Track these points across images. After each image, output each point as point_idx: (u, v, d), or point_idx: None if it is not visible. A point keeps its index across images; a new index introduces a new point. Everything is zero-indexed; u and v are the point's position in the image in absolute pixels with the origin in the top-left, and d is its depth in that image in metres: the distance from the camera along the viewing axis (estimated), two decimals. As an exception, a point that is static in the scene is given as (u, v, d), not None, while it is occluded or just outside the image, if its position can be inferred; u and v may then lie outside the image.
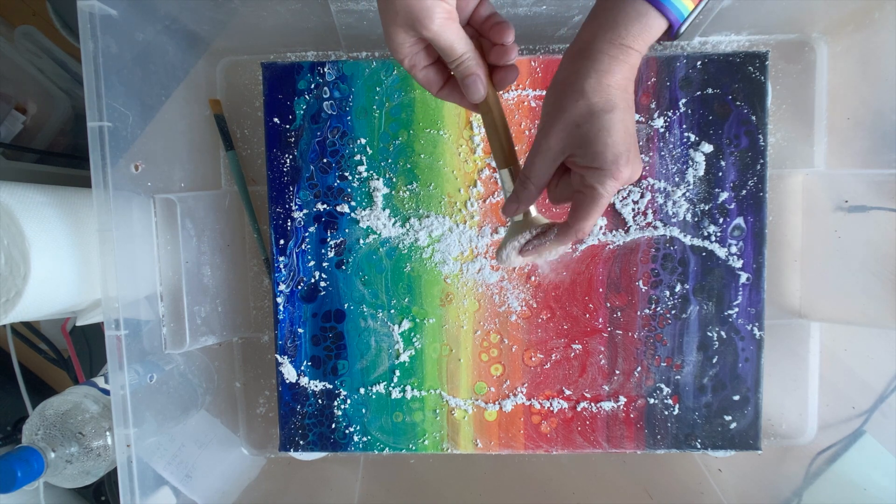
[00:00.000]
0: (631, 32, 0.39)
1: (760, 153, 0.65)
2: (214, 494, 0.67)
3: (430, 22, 0.39)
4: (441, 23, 0.39)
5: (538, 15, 0.64)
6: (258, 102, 0.71)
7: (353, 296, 0.68)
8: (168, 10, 0.62)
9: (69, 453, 0.57)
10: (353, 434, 0.68)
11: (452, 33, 0.40)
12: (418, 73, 0.44)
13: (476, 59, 0.43)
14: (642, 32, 0.40)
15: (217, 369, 0.74)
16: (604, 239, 0.67)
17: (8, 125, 0.78)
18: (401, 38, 0.41)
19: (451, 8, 0.40)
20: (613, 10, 0.40)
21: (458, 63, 0.42)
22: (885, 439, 0.68)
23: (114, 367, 0.56)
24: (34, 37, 0.80)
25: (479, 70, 0.43)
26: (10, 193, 0.57)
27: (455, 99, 0.46)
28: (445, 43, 0.41)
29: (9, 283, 0.56)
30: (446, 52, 0.42)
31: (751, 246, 0.66)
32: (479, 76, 0.43)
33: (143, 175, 0.62)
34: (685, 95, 0.65)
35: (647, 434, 0.68)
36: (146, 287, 0.63)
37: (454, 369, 0.68)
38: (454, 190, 0.67)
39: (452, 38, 0.41)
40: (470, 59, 0.42)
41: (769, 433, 0.74)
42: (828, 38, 0.70)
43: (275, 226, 0.67)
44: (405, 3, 0.38)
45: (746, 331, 0.67)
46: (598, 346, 0.67)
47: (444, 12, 0.39)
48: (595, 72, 0.40)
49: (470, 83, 0.43)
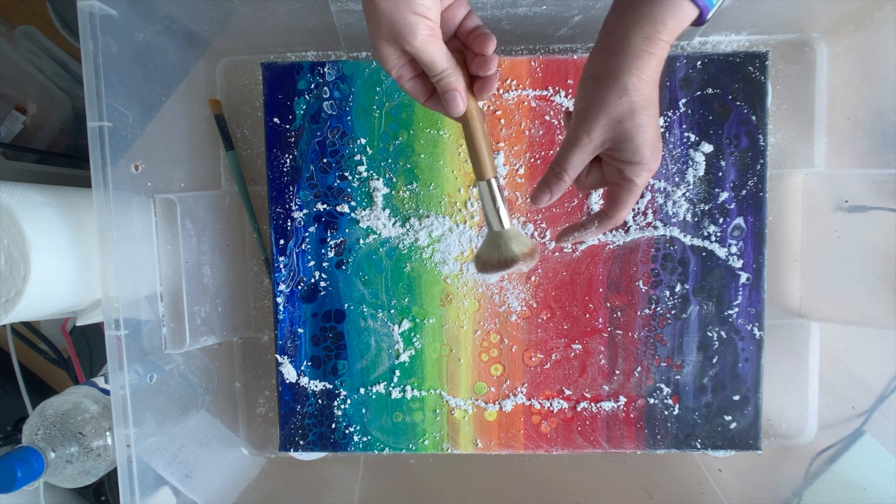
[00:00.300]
0: (667, 27, 0.40)
1: (760, 153, 0.65)
2: (214, 494, 0.67)
3: (413, 38, 0.40)
4: (423, 39, 0.40)
5: (538, 15, 0.64)
6: (258, 102, 0.71)
7: (353, 296, 0.68)
8: (168, 10, 0.62)
9: (69, 453, 0.57)
10: (353, 434, 0.68)
11: (434, 50, 0.41)
12: (405, 84, 0.45)
13: (456, 74, 0.43)
14: (677, 25, 0.41)
15: (217, 369, 0.74)
16: (604, 239, 0.67)
17: (8, 125, 0.78)
18: (386, 51, 0.42)
19: (433, 24, 0.41)
20: (646, 2, 0.40)
21: (439, 78, 0.43)
22: (885, 439, 0.68)
23: (114, 367, 0.56)
24: (34, 37, 0.80)
25: (459, 85, 0.44)
26: (10, 193, 0.57)
27: (441, 109, 0.47)
28: (427, 58, 0.42)
29: (9, 283, 0.56)
30: (428, 67, 0.43)
31: (751, 246, 0.66)
32: (458, 91, 0.44)
33: (143, 175, 0.62)
34: (685, 95, 0.65)
35: (647, 434, 0.68)
36: (146, 287, 0.63)
37: (454, 369, 0.68)
38: (454, 190, 0.67)
39: (434, 54, 0.41)
40: (450, 74, 0.43)
41: (769, 433, 0.74)
42: (828, 38, 0.70)
43: (275, 226, 0.67)
44: (389, 19, 0.39)
45: (746, 331, 0.67)
46: (598, 346, 0.67)
47: (427, 29, 0.40)
48: (636, 69, 0.41)
49: (450, 98, 0.44)
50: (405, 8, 0.39)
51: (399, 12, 0.39)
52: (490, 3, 0.62)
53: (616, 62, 0.41)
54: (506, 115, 0.66)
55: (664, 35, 0.41)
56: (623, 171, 0.45)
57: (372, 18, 0.40)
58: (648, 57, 0.41)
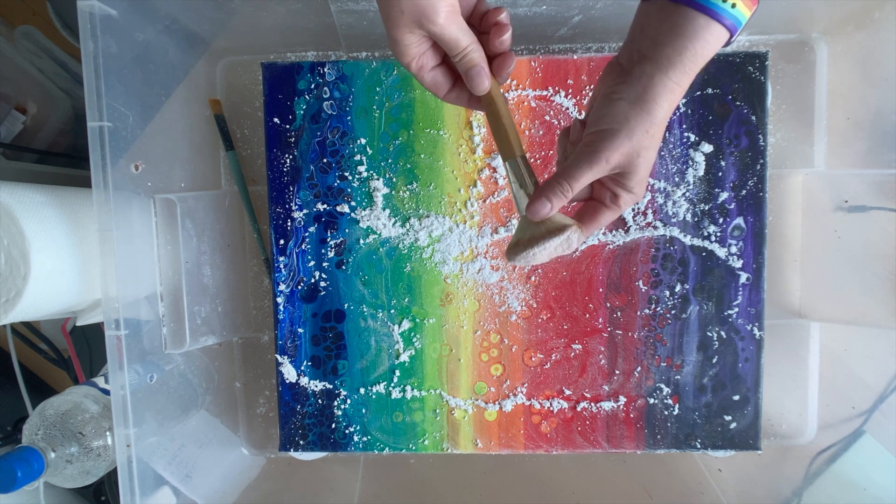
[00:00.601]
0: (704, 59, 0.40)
1: (760, 153, 0.65)
2: (214, 494, 0.67)
3: (437, 16, 0.40)
4: (446, 16, 0.40)
5: (538, 15, 0.64)
6: (258, 102, 0.71)
7: (353, 296, 0.68)
8: (168, 10, 0.62)
9: (69, 453, 0.57)
10: (353, 434, 0.68)
11: (457, 26, 0.41)
12: (426, 76, 0.45)
13: (479, 51, 0.44)
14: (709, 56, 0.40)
15: (217, 369, 0.74)
16: (604, 239, 0.67)
17: (8, 125, 0.78)
18: (408, 40, 0.42)
19: (454, 1, 0.41)
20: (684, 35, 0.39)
21: (462, 55, 0.43)
22: (885, 439, 0.68)
23: (114, 367, 0.56)
24: (34, 37, 0.80)
25: (483, 62, 0.44)
26: (10, 193, 0.57)
27: (463, 101, 0.47)
28: (451, 36, 0.41)
29: (9, 283, 0.56)
30: (451, 46, 0.42)
31: (751, 246, 0.66)
32: (482, 67, 0.44)
33: (143, 175, 0.62)
34: (685, 95, 0.65)
35: (647, 434, 0.68)
36: (146, 287, 0.63)
37: (454, 369, 0.68)
38: (454, 190, 0.67)
39: (457, 31, 0.42)
40: (473, 51, 0.43)
41: (769, 433, 0.74)
42: (828, 38, 0.70)
43: (275, 226, 0.67)
44: (410, 2, 0.39)
45: (746, 331, 0.67)
46: (598, 346, 0.67)
47: (448, 6, 0.40)
48: (667, 102, 0.41)
49: (474, 74, 0.44)
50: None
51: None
52: (490, 3, 0.62)
53: (653, 95, 0.41)
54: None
55: (696, 68, 0.40)
56: (618, 196, 0.45)
57: (392, 7, 0.40)
58: (679, 92, 0.41)
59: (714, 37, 0.39)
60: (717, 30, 0.39)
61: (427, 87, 0.46)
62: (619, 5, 0.62)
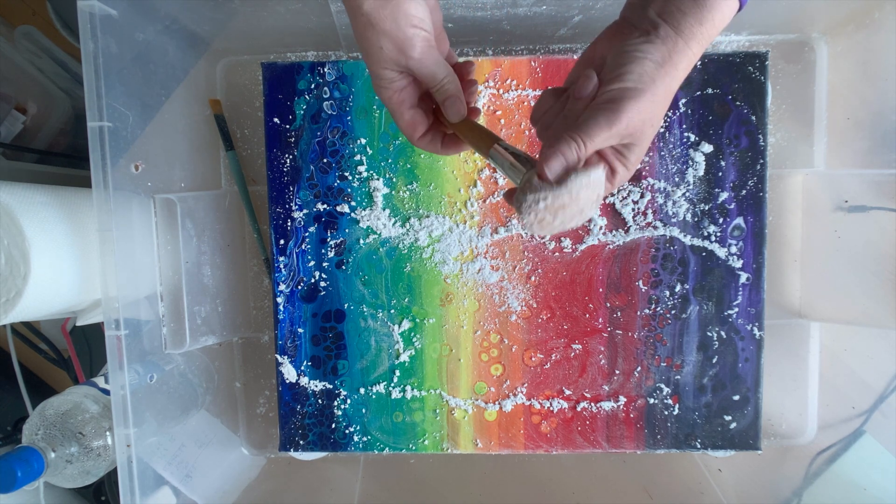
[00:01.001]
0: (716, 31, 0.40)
1: (760, 153, 0.65)
2: (214, 494, 0.67)
3: (412, 50, 0.41)
4: (422, 50, 0.42)
5: (538, 15, 0.64)
6: (258, 102, 0.71)
7: (353, 296, 0.68)
8: (168, 10, 0.62)
9: (69, 453, 0.57)
10: (353, 434, 0.68)
11: (432, 60, 0.43)
12: (405, 112, 0.46)
13: (455, 82, 0.46)
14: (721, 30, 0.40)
15: (217, 369, 0.74)
16: (604, 239, 0.67)
17: (8, 125, 0.78)
18: (390, 76, 0.43)
19: (429, 36, 0.42)
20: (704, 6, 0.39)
21: (440, 86, 0.45)
22: (885, 439, 0.68)
23: (114, 367, 0.56)
24: (34, 37, 0.80)
25: (459, 92, 0.46)
26: (10, 193, 0.57)
27: (436, 147, 0.48)
28: (428, 69, 0.43)
29: (9, 283, 0.56)
30: (429, 78, 0.44)
31: (751, 246, 0.66)
32: (459, 97, 0.46)
33: (143, 175, 0.62)
34: (685, 95, 0.65)
35: (647, 434, 0.68)
36: (146, 287, 0.63)
37: (454, 369, 0.68)
38: (454, 190, 0.67)
39: (433, 64, 0.43)
40: (450, 82, 0.45)
41: (769, 433, 0.74)
42: (828, 38, 0.70)
43: (275, 226, 0.67)
44: (389, 39, 0.41)
45: (746, 331, 0.67)
46: (598, 346, 0.67)
47: (424, 40, 0.42)
48: (683, 73, 0.40)
49: (451, 104, 0.45)
50: (404, 23, 0.40)
51: (400, 28, 0.40)
52: (490, 3, 0.62)
53: (676, 61, 0.39)
54: (506, 115, 0.66)
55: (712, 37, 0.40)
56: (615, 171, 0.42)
57: (373, 43, 0.41)
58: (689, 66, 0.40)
59: (730, 9, 0.40)
60: (733, 2, 0.40)
61: (404, 126, 0.46)
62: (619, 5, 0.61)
